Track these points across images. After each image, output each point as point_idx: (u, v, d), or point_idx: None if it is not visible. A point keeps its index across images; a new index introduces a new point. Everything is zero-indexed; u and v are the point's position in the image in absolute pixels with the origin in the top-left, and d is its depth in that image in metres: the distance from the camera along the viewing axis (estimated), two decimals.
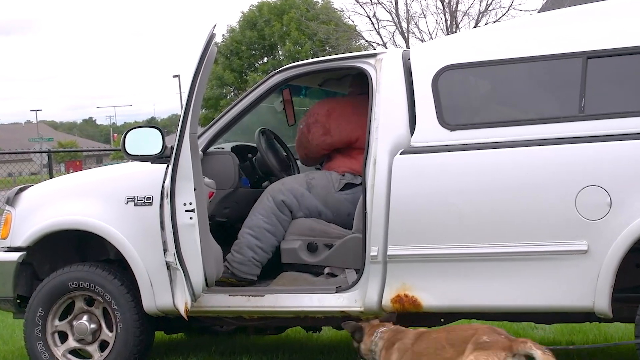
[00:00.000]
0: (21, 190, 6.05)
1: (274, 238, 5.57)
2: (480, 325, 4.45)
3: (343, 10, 27.20)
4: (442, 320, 5.37)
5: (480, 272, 4.87)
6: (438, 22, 28.75)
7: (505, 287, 4.83)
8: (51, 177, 13.07)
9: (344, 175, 5.63)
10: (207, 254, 5.11)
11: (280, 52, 40.96)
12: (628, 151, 4.63)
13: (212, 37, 5.11)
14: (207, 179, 5.40)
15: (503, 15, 23.19)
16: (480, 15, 23.64)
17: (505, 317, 5.30)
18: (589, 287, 4.66)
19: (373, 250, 5.01)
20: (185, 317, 5.18)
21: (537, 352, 4.03)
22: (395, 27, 24.47)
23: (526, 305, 4.87)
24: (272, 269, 5.63)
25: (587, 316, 4.96)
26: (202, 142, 5.59)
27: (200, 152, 5.46)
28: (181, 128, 5.06)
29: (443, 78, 5.13)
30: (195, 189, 5.06)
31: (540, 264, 4.75)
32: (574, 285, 4.69)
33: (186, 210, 5.05)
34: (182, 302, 5.14)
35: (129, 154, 5.40)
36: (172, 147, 5.18)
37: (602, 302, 4.65)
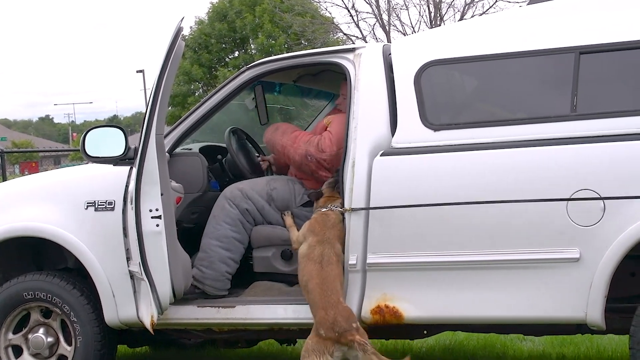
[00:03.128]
0: None
1: (242, 246, 5.54)
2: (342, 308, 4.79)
3: (320, 2, 27.16)
4: (425, 332, 5.39)
5: (465, 281, 4.88)
6: (421, 14, 28.79)
7: (492, 297, 4.84)
8: (4, 179, 12.98)
9: (308, 191, 5.57)
10: (175, 264, 5.09)
11: (252, 46, 40.89)
12: (623, 153, 4.65)
13: (179, 30, 5.10)
14: (174, 183, 5.39)
15: (490, 8, 23.30)
16: (466, 8, 23.74)
17: (492, 328, 5.32)
18: (581, 297, 4.68)
19: (352, 258, 5.01)
20: (151, 331, 5.17)
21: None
22: (375, 20, 24.53)
23: (514, 316, 4.88)
24: (244, 278, 5.61)
25: (579, 327, 4.98)
26: (168, 142, 5.57)
27: (167, 154, 5.44)
28: (146, 128, 5.04)
29: (426, 75, 5.14)
30: (161, 194, 5.05)
31: (529, 273, 4.77)
32: (565, 295, 4.71)
33: (152, 217, 5.03)
34: (148, 315, 5.12)
35: (89, 156, 5.37)
36: (136, 149, 5.16)
37: (594, 313, 4.68)
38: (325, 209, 5.13)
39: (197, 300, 5.43)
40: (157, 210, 5.03)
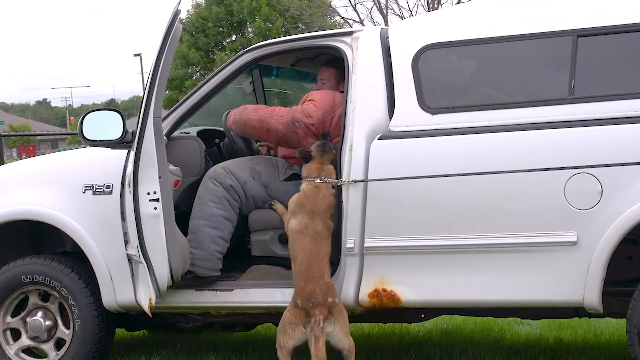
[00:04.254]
0: None
1: (231, 224, 5.48)
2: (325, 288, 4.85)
3: None
4: (423, 315, 5.40)
5: (463, 265, 4.89)
6: None
7: (489, 281, 4.85)
8: (1, 163, 12.96)
9: (292, 166, 5.57)
10: (173, 247, 5.09)
11: (249, 30, 40.83)
12: (620, 136, 4.65)
13: (176, 13, 5.09)
14: (172, 167, 5.38)
15: None
16: None
17: (489, 312, 5.33)
18: (579, 280, 4.69)
19: (349, 242, 5.01)
20: (150, 314, 5.18)
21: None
22: (373, 3, 24.46)
23: (512, 299, 4.89)
24: (241, 262, 5.61)
25: (576, 311, 5.00)
26: (165, 126, 5.56)
27: (165, 138, 5.44)
28: (144, 111, 5.03)
29: (424, 58, 5.13)
30: (159, 177, 5.04)
31: (526, 256, 4.77)
32: (563, 279, 4.72)
33: (150, 200, 5.03)
34: (146, 298, 5.13)
35: (87, 139, 5.36)
36: (133, 132, 5.15)
37: (592, 296, 4.69)
38: (317, 180, 5.09)
39: (195, 283, 5.42)
40: (154, 193, 5.03)
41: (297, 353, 4.91)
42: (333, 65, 5.67)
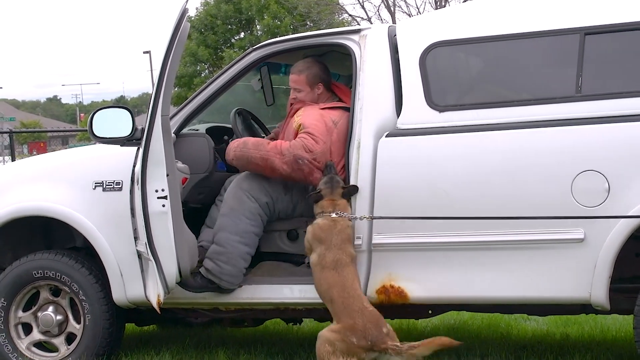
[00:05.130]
0: None
1: (258, 240, 5.39)
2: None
3: None
4: (430, 312, 5.39)
5: (470, 262, 4.88)
6: None
7: (497, 278, 4.84)
8: (13, 159, 13.00)
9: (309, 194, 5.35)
10: (181, 244, 5.08)
11: (258, 27, 40.80)
12: (628, 134, 4.64)
13: (184, 12, 5.09)
14: (180, 164, 5.38)
15: None
16: None
17: (497, 308, 5.33)
18: (586, 277, 4.68)
19: (357, 239, 5.01)
20: (158, 310, 5.18)
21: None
22: (380, 1, 24.44)
23: (519, 296, 4.88)
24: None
25: (583, 308, 4.99)
26: (174, 123, 5.56)
27: (173, 135, 5.44)
28: (152, 110, 5.02)
29: (431, 56, 5.12)
30: (167, 175, 5.04)
31: (534, 253, 4.77)
32: (570, 276, 4.72)
33: (158, 197, 5.03)
34: (155, 294, 5.13)
35: (97, 136, 5.36)
36: (142, 130, 5.15)
37: (599, 293, 4.68)
38: (333, 215, 4.97)
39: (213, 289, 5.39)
40: (163, 190, 5.03)
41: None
42: (298, 72, 5.52)
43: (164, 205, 5.03)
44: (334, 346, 4.66)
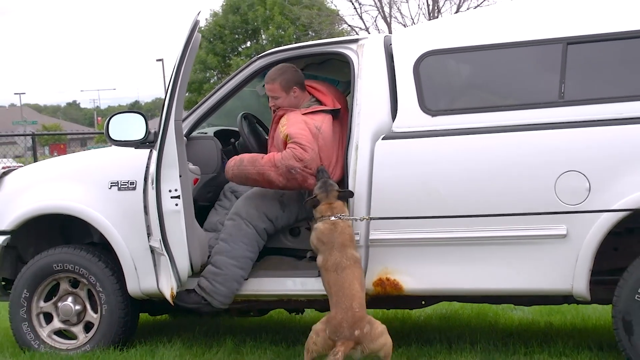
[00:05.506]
0: (5, 173, 6.03)
1: (252, 263, 5.33)
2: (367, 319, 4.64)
3: None
4: (423, 302, 5.39)
5: (461, 256, 4.88)
6: (420, 6, 28.73)
7: (485, 271, 4.84)
8: (35, 160, 13.00)
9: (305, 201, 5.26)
10: (193, 240, 5.09)
11: (263, 37, 40.79)
12: (608, 137, 4.64)
13: (196, 23, 5.09)
14: (191, 166, 5.38)
15: (485, 0, 23.17)
16: (462, 0, 23.60)
17: (485, 299, 5.32)
18: (568, 270, 4.69)
19: (355, 235, 5.00)
20: (171, 302, 5.18)
21: None
22: (377, 12, 24.43)
23: (506, 288, 4.89)
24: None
25: (566, 298, 4.99)
26: (185, 126, 5.55)
27: (184, 138, 5.44)
28: (166, 115, 5.02)
29: (424, 64, 5.11)
30: (180, 176, 5.04)
31: (519, 248, 4.77)
32: (553, 269, 4.72)
33: (171, 197, 5.03)
34: (168, 287, 5.14)
35: (113, 139, 5.36)
36: (155, 133, 5.15)
37: (580, 285, 4.68)
38: (333, 218, 4.90)
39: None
40: (176, 190, 5.03)
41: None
42: (272, 80, 5.38)
43: (177, 205, 5.03)
44: (318, 336, 4.66)
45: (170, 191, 5.03)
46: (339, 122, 5.37)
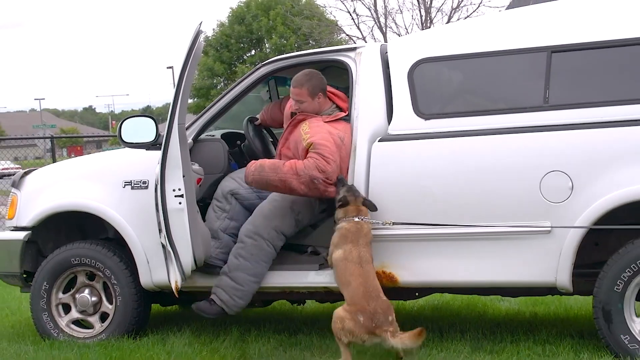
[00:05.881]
0: (26, 174, 6.04)
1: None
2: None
3: (325, 6, 27.03)
4: (417, 294, 5.39)
5: (453, 251, 4.87)
6: (414, 17, 28.70)
7: (474, 264, 4.84)
8: (54, 161, 12.96)
9: (323, 201, 5.23)
10: (196, 237, 5.06)
11: (266, 45, 40.78)
12: (589, 139, 4.64)
13: (198, 33, 5.06)
14: (195, 166, 5.36)
15: (474, 12, 23.12)
16: (453, 11, 23.55)
17: (474, 291, 5.32)
18: (552, 264, 4.68)
19: None
20: (176, 294, 5.17)
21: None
22: (374, 22, 24.37)
23: (493, 280, 4.88)
24: None
25: (550, 290, 4.98)
26: (194, 129, 5.55)
27: (191, 141, 5.43)
28: (170, 119, 5.02)
29: (418, 70, 5.11)
30: (183, 176, 5.02)
31: (506, 243, 4.76)
32: (538, 263, 4.71)
33: (175, 196, 5.01)
34: (173, 280, 5.13)
35: (125, 142, 5.36)
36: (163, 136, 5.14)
37: (563, 277, 4.68)
38: (358, 219, 4.86)
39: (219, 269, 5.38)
40: (179, 190, 5.00)
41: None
42: (300, 85, 5.29)
43: (180, 203, 5.01)
44: (344, 323, 4.62)
45: (174, 190, 5.01)
46: None
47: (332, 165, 4.95)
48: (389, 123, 5.09)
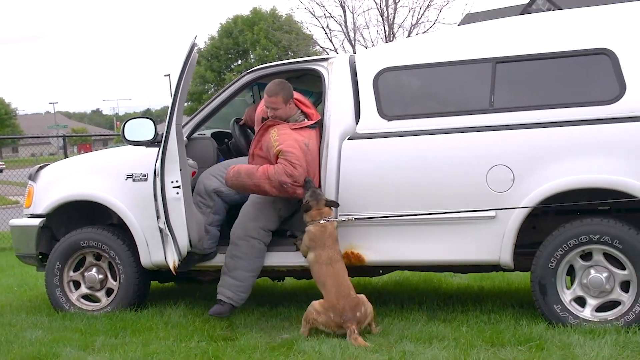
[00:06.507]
0: (41, 168, 6.02)
1: None
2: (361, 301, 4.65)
3: (303, 22, 26.86)
4: (381, 271, 5.40)
5: (412, 234, 4.88)
6: (378, 32, 28.59)
7: (431, 246, 4.85)
8: (66, 157, 12.84)
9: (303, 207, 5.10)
10: (191, 222, 5.05)
11: (251, 56, 40.70)
12: (528, 137, 4.66)
13: (193, 45, 5.04)
14: (190, 161, 5.34)
15: (430, 28, 23.15)
16: (412, 27, 23.54)
17: (430, 268, 5.34)
18: (496, 245, 4.71)
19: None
20: (174, 272, 5.15)
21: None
22: (344, 36, 24.33)
23: (447, 259, 4.90)
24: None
25: (495, 267, 5.01)
26: (187, 129, 5.52)
27: (185, 139, 5.40)
28: (169, 120, 4.99)
29: (382, 78, 5.11)
30: (180, 169, 5.00)
31: (458, 227, 4.78)
32: (484, 244, 4.74)
33: (173, 187, 4.99)
34: (171, 260, 5.11)
35: (128, 140, 5.33)
36: (162, 135, 5.11)
37: (506, 256, 4.71)
38: (322, 221, 4.82)
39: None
40: (177, 181, 4.98)
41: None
42: (275, 94, 5.11)
43: (177, 193, 4.98)
44: (318, 316, 4.64)
45: (172, 182, 4.98)
46: (319, 133, 5.27)
47: (299, 169, 4.88)
48: (357, 123, 5.09)
